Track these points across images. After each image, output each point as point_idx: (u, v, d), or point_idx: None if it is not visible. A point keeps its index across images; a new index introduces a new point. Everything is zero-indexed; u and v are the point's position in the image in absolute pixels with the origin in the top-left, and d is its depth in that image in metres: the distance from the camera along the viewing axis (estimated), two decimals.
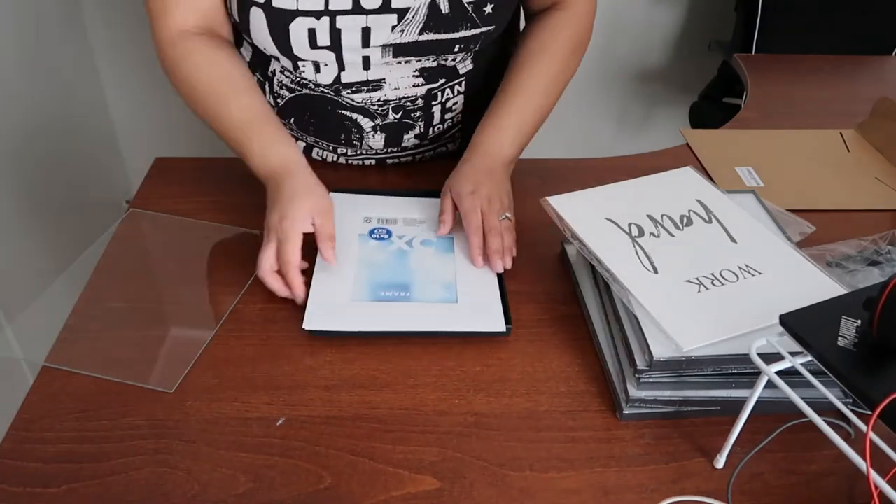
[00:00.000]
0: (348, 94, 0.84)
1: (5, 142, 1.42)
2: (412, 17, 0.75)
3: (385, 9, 0.75)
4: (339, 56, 0.79)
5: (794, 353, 0.54)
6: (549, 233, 0.78)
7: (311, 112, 0.88)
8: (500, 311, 0.71)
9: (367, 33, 0.77)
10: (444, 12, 0.76)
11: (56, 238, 1.59)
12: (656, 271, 0.68)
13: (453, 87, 0.88)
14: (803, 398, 0.52)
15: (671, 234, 0.72)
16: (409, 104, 0.87)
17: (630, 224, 0.73)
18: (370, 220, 0.82)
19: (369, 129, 0.89)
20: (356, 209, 0.83)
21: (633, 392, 0.62)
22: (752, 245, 0.71)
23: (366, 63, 0.80)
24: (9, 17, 1.44)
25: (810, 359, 0.53)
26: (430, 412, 0.63)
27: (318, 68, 0.81)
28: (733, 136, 1.08)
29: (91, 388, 0.64)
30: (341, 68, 0.81)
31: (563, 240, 0.81)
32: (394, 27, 0.76)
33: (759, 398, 0.56)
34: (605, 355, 0.68)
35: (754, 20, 1.73)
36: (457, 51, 0.81)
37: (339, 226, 0.75)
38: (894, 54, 1.76)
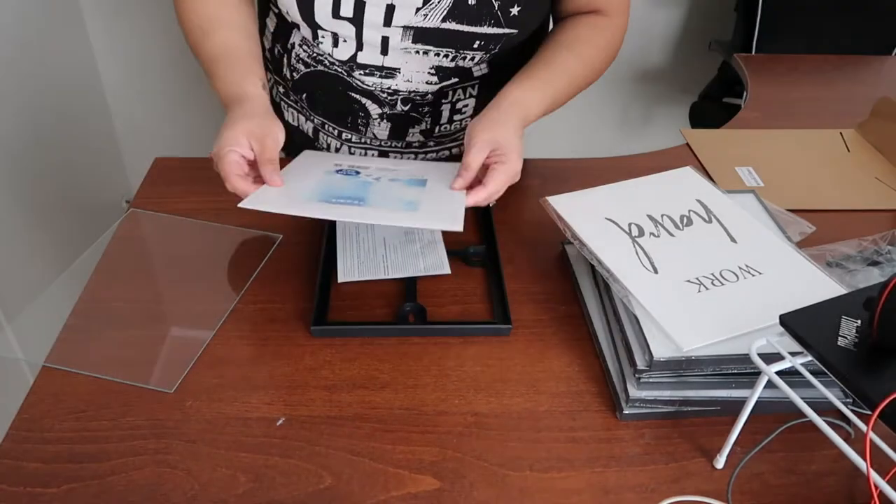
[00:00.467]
0: (360, 74, 0.84)
1: (5, 142, 1.42)
2: (438, 2, 0.75)
3: None
4: (360, 31, 0.79)
5: (794, 353, 0.54)
6: (549, 233, 0.78)
7: (322, 90, 0.89)
8: (460, 215, 0.67)
9: (390, 11, 0.77)
10: (470, 3, 0.76)
11: (56, 238, 1.59)
12: (656, 271, 0.68)
13: (465, 89, 0.88)
14: (803, 398, 0.52)
15: (671, 234, 0.72)
16: (418, 98, 0.87)
17: (630, 224, 0.73)
18: (340, 165, 0.80)
19: (376, 116, 0.89)
20: (331, 159, 0.82)
21: (633, 392, 0.62)
22: (752, 245, 0.71)
23: (384, 46, 0.80)
24: (9, 17, 1.44)
25: (810, 359, 0.53)
26: (430, 412, 0.63)
27: (336, 42, 0.81)
28: (733, 136, 1.08)
29: (91, 388, 0.64)
30: (359, 47, 0.81)
31: (563, 240, 0.81)
32: (418, 9, 0.76)
33: (759, 398, 0.56)
34: (605, 355, 0.68)
35: (754, 20, 1.73)
36: (476, 47, 0.80)
37: (305, 169, 0.75)
38: (894, 54, 1.76)
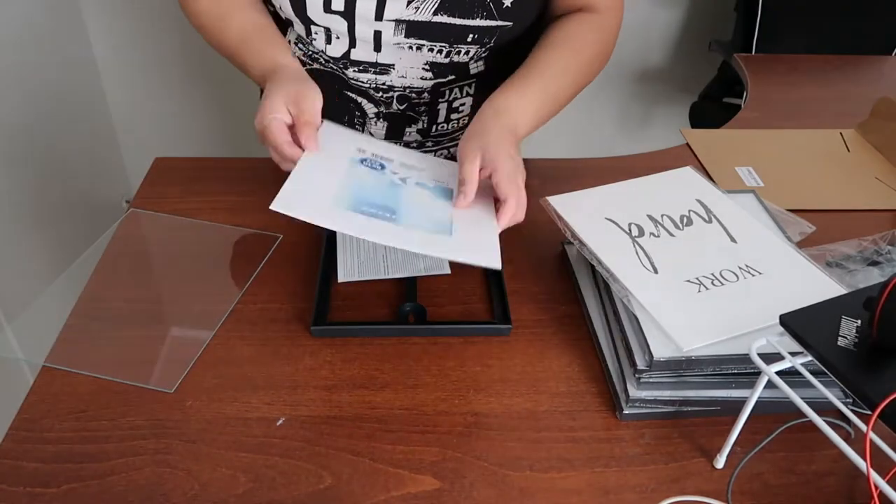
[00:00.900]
0: (354, 71, 0.84)
1: (5, 142, 1.42)
2: None
3: None
4: (352, 26, 0.79)
5: (794, 353, 0.54)
6: (549, 233, 0.78)
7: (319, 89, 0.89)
8: (497, 250, 0.67)
9: (381, 4, 0.76)
10: None
11: (56, 238, 1.59)
12: (656, 271, 0.68)
13: (462, 88, 0.88)
14: (803, 398, 0.52)
15: (671, 234, 0.72)
16: (414, 96, 0.87)
17: (630, 224, 0.73)
18: (364, 152, 0.76)
19: (372, 115, 0.89)
20: (351, 139, 0.78)
21: (633, 392, 0.62)
22: (752, 245, 0.71)
23: (377, 42, 0.80)
24: (9, 17, 1.44)
25: (810, 359, 0.53)
26: (430, 412, 0.63)
27: (329, 39, 0.81)
28: (733, 136, 1.08)
29: (91, 388, 0.64)
30: (352, 44, 0.81)
31: (563, 240, 0.81)
32: (409, 2, 0.76)
33: (759, 398, 0.56)
34: (605, 355, 0.68)
35: (754, 20, 1.73)
36: (470, 41, 0.80)
37: (328, 150, 0.72)
38: (894, 54, 1.76)
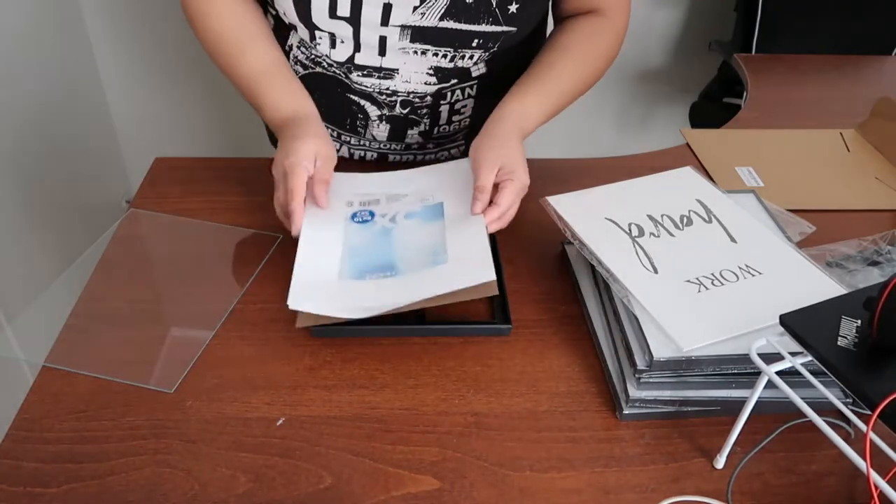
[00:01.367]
0: (358, 76, 0.84)
1: (5, 142, 1.42)
2: (435, 1, 0.75)
3: None
4: (357, 31, 0.79)
5: (794, 353, 0.54)
6: (549, 233, 0.78)
7: (321, 91, 0.89)
8: (490, 263, 0.69)
9: (387, 10, 0.76)
10: (467, 1, 0.75)
11: (56, 238, 1.59)
12: (656, 271, 0.68)
13: (464, 90, 0.88)
14: (803, 398, 0.52)
15: (671, 234, 0.72)
16: (417, 100, 0.87)
17: (630, 224, 0.73)
18: (352, 204, 0.81)
19: (375, 118, 0.89)
20: (339, 192, 0.82)
21: (633, 392, 0.62)
22: (752, 245, 0.71)
23: (382, 47, 0.80)
24: (9, 17, 1.44)
25: (810, 359, 0.53)
26: (430, 412, 0.63)
27: (333, 43, 0.81)
28: (733, 136, 1.08)
29: (91, 388, 0.64)
30: (357, 48, 0.81)
31: (563, 240, 0.81)
32: (415, 8, 0.76)
33: (759, 398, 0.56)
34: (605, 355, 0.68)
35: (754, 20, 1.73)
36: (475, 46, 0.80)
37: (321, 212, 0.77)
38: (894, 54, 1.76)
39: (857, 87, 1.29)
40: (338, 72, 0.85)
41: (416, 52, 0.81)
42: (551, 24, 0.93)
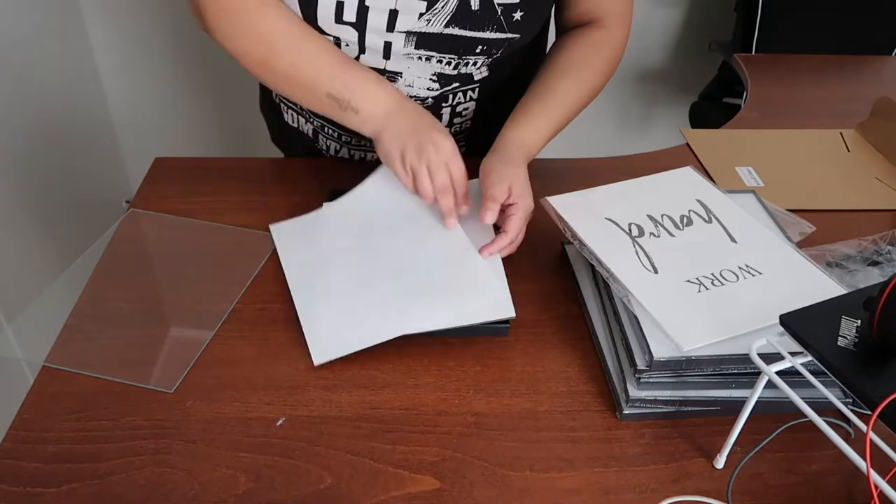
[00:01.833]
0: None
1: (5, 142, 1.42)
2: (441, 7, 0.75)
3: None
4: (362, 36, 0.78)
5: (794, 353, 0.54)
6: (549, 233, 0.78)
7: None
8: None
9: (393, 16, 0.76)
10: (473, 8, 0.75)
11: (56, 238, 1.59)
12: (656, 271, 0.68)
13: (465, 93, 0.88)
14: (803, 398, 0.52)
15: (671, 234, 0.72)
16: (418, 103, 0.86)
17: (630, 224, 0.73)
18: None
19: None
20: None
21: (633, 392, 0.62)
22: (752, 245, 0.71)
23: (386, 51, 0.80)
24: (9, 17, 1.44)
25: (810, 359, 0.53)
26: (430, 412, 0.63)
27: (338, 46, 0.81)
28: (733, 136, 1.08)
29: (91, 388, 0.64)
30: (361, 51, 0.81)
31: (563, 240, 0.81)
32: (421, 14, 0.76)
33: (759, 398, 0.56)
34: (605, 355, 0.68)
35: (754, 20, 1.73)
36: (478, 52, 0.80)
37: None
38: (894, 54, 1.76)
39: (857, 87, 1.29)
40: None
41: (420, 58, 0.81)
42: (552, 31, 0.93)
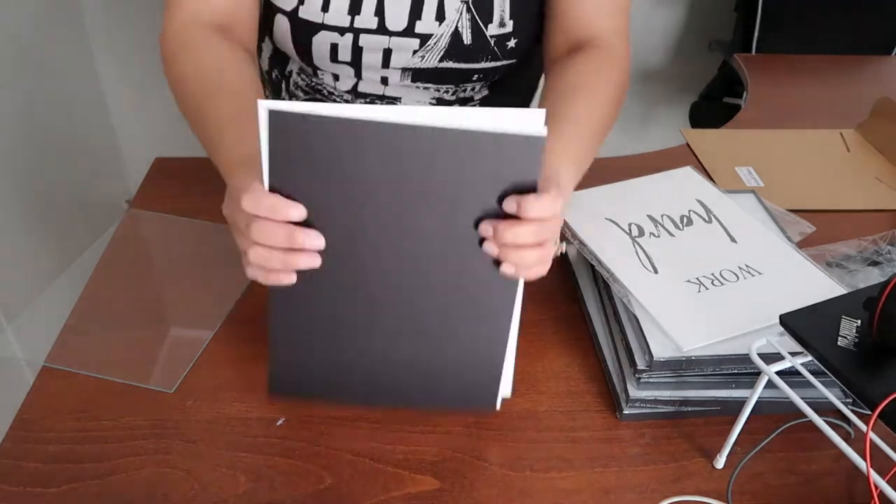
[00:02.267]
0: (362, 103, 0.84)
1: (5, 142, 1.42)
2: (434, 44, 0.75)
3: (408, 33, 0.75)
4: (358, 72, 0.79)
5: (794, 353, 0.54)
6: None
7: None
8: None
9: (388, 55, 0.77)
10: (465, 43, 0.75)
11: (56, 238, 1.59)
12: (656, 271, 0.68)
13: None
14: (803, 398, 0.52)
15: (671, 234, 0.72)
16: None
17: (630, 224, 0.73)
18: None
19: None
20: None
21: (633, 392, 0.62)
22: (752, 245, 0.71)
23: (384, 81, 0.80)
24: (9, 18, 1.44)
25: (810, 359, 0.53)
26: (430, 412, 0.63)
27: (336, 77, 0.81)
28: (733, 136, 1.08)
29: (91, 388, 0.64)
30: (359, 79, 0.81)
31: (564, 240, 0.81)
32: (415, 52, 0.76)
33: (759, 398, 0.56)
34: (605, 355, 0.68)
35: (754, 20, 1.73)
36: (475, 80, 0.80)
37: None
38: (894, 54, 1.76)
39: (857, 87, 1.29)
40: (339, 100, 0.85)
41: (418, 88, 0.81)
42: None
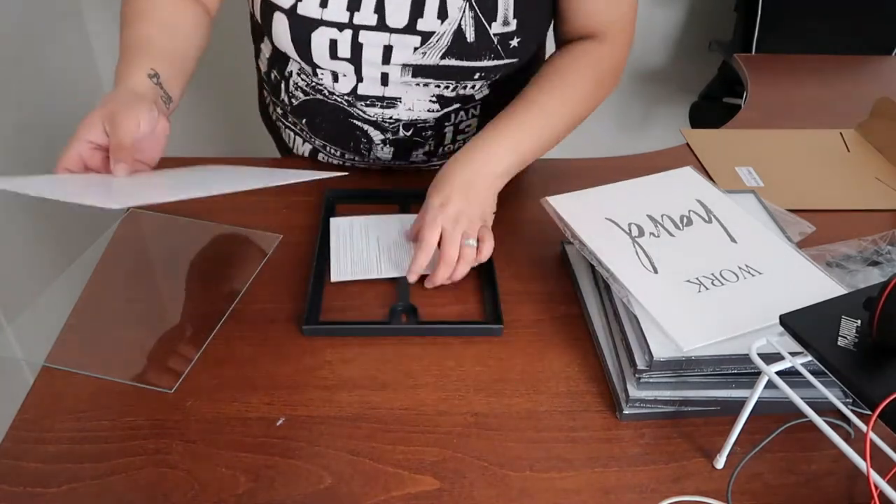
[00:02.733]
0: (362, 105, 0.84)
1: (5, 142, 1.42)
2: (436, 42, 0.75)
3: (410, 30, 0.74)
4: (359, 69, 0.79)
5: (794, 353, 0.54)
6: (549, 233, 0.78)
7: (322, 117, 0.88)
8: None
9: (388, 51, 0.76)
10: (468, 41, 0.75)
11: (56, 238, 1.59)
12: (656, 271, 0.68)
13: (468, 111, 0.87)
14: (803, 398, 0.52)
15: (671, 234, 0.72)
16: (421, 123, 0.86)
17: (630, 224, 0.73)
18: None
19: (379, 142, 0.88)
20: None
21: (633, 392, 0.62)
22: (752, 245, 0.71)
23: (384, 79, 0.80)
24: (9, 17, 1.44)
25: (810, 359, 0.53)
26: (430, 412, 0.63)
27: (336, 77, 0.81)
28: (733, 136, 1.08)
29: (91, 388, 0.64)
30: (359, 79, 0.81)
31: (563, 240, 0.81)
32: (416, 49, 0.76)
33: (759, 398, 0.56)
34: (605, 355, 0.68)
35: (754, 20, 1.73)
36: (477, 78, 0.80)
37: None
38: (894, 54, 1.76)
39: (857, 87, 1.29)
40: (339, 100, 0.85)
41: (418, 85, 0.81)
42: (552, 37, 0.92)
